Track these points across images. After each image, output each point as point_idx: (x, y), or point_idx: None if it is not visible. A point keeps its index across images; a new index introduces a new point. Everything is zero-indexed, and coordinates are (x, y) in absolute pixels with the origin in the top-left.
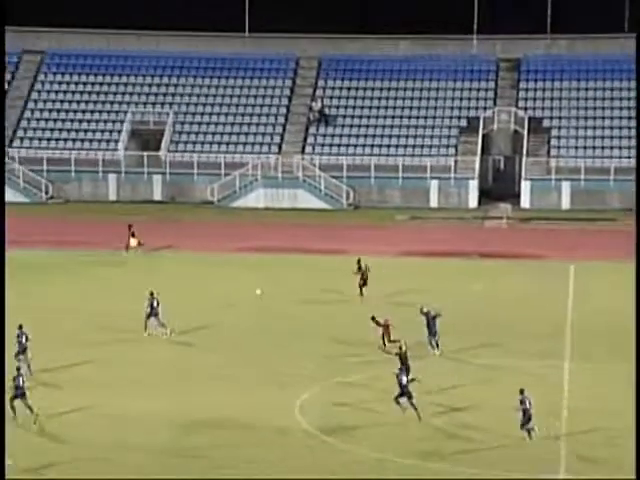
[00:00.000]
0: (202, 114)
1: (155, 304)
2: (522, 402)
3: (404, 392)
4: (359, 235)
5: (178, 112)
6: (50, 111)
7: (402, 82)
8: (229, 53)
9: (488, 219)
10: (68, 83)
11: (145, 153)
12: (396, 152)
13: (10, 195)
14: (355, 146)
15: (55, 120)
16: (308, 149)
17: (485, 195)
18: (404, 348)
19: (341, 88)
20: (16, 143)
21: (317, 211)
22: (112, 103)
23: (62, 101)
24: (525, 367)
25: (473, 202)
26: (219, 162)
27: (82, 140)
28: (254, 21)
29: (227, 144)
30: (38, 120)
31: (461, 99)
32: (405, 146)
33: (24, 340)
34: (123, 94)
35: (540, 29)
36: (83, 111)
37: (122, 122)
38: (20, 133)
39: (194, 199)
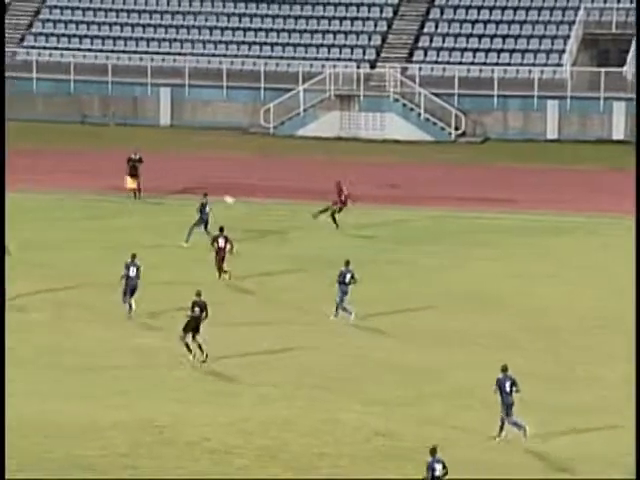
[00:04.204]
0: None
1: (207, 210)
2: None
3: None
4: None
5: None
6: None
7: None
8: None
9: None
10: None
11: (602, 69)
12: None
13: (404, 131)
14: None
15: (468, 23)
16: None
17: None
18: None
19: None
20: (385, 53)
21: None
22: None
23: None
24: None
25: None
26: None
27: (511, 51)
28: None
29: None
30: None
31: None
32: None
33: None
34: None
35: None
36: (515, 8)
37: (570, 24)
38: (425, 43)
39: None
